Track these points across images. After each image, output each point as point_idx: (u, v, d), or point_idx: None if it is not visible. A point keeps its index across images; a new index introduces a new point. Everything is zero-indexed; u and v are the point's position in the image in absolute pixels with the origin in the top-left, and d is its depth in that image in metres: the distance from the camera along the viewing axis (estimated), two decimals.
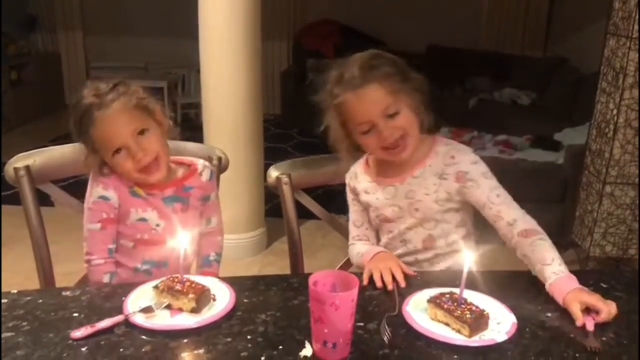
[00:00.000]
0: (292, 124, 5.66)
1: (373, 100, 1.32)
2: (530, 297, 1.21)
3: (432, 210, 1.42)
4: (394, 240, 1.48)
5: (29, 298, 1.17)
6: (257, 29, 2.97)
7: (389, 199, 1.44)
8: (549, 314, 1.15)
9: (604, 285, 1.26)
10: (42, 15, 6.25)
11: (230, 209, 3.07)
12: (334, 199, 1.77)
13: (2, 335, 1.04)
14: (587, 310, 1.12)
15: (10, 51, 5.67)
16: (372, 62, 1.33)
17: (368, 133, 1.35)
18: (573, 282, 1.18)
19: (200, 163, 1.52)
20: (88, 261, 1.42)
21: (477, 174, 1.38)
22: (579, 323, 1.10)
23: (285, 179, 1.55)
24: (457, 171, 1.39)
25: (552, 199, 3.40)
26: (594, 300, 1.12)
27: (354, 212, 1.54)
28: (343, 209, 1.59)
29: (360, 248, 1.49)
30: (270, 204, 3.26)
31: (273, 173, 1.57)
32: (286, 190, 1.56)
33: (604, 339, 1.07)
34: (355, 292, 0.97)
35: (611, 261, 1.17)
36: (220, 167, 1.63)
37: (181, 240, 1.16)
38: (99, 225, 1.40)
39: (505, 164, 3.40)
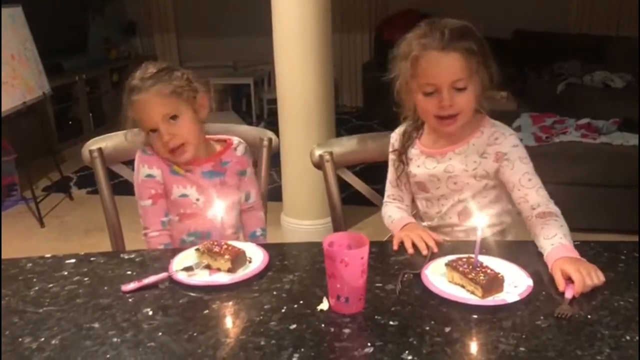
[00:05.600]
0: (373, 115, 5.71)
1: (449, 67, 1.34)
2: None
3: (468, 184, 1.45)
4: (430, 209, 1.53)
5: (93, 259, 1.34)
6: (327, 22, 3.05)
7: (429, 169, 1.48)
8: None
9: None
10: (140, 20, 6.73)
11: (304, 197, 3.23)
12: (378, 175, 1.81)
13: (67, 288, 1.21)
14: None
15: (112, 56, 6.17)
16: (463, 32, 1.35)
17: (430, 96, 1.37)
18: (566, 251, 1.18)
19: (235, 139, 1.63)
20: (145, 234, 1.57)
21: (515, 157, 1.40)
22: (560, 289, 1.10)
23: (327, 156, 1.63)
24: (496, 151, 1.41)
25: None
26: (572, 269, 1.11)
27: (393, 172, 1.58)
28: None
29: (392, 211, 1.55)
30: (347, 192, 3.34)
31: (316, 151, 1.65)
32: (328, 167, 1.63)
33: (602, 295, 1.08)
34: (364, 250, 1.04)
35: None
36: (271, 147, 1.74)
37: (217, 209, 1.28)
38: (149, 201, 1.55)
39: (589, 149, 3.27)
